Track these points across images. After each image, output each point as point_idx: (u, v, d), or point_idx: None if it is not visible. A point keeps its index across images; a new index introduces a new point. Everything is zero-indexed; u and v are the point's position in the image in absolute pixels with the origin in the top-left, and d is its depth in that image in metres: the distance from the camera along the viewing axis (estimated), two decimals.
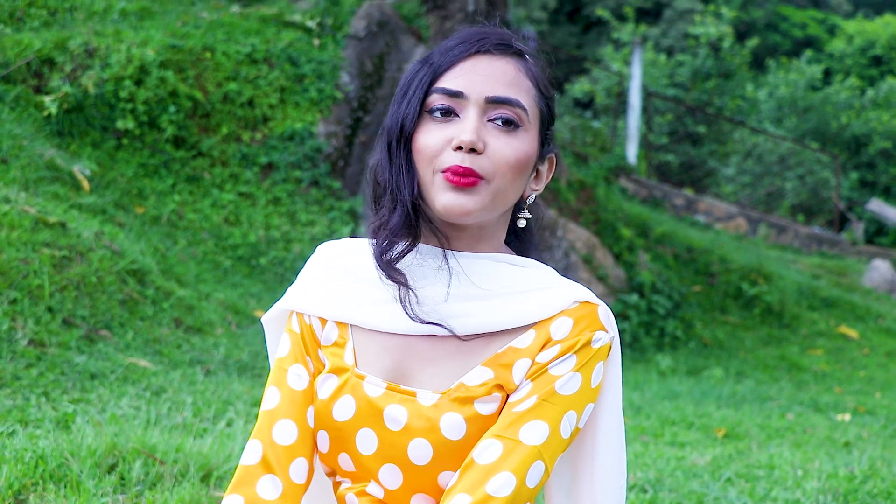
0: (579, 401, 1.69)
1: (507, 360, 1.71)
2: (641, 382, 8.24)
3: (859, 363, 10.89)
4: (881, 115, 23.23)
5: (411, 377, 1.73)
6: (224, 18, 10.63)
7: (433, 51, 1.76)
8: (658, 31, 30.56)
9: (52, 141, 8.47)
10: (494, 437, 1.65)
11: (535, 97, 1.74)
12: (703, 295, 12.01)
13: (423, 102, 1.71)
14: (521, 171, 1.71)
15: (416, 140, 1.70)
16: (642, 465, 4.74)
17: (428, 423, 1.68)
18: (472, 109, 1.68)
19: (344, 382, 1.73)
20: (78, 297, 5.89)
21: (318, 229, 9.29)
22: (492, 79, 1.70)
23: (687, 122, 21.19)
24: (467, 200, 1.66)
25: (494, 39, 1.74)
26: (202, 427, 4.52)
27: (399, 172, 1.71)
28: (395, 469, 1.71)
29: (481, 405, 1.68)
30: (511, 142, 1.69)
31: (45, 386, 4.78)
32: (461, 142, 1.65)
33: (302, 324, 1.82)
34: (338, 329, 1.79)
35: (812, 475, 4.54)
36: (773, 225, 17.63)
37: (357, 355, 1.76)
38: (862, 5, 37.07)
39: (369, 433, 1.71)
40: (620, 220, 12.02)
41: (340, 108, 10.18)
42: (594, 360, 1.71)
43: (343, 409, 1.72)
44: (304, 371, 1.79)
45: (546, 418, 1.66)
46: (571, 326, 1.71)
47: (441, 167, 1.67)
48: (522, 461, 1.63)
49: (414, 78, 1.74)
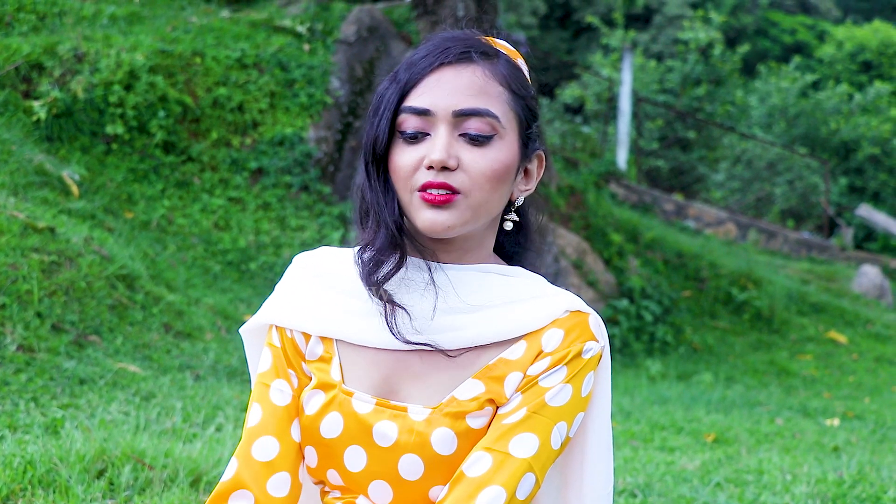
0: (569, 411, 1.68)
1: (498, 372, 1.69)
2: (631, 387, 8.24)
3: (848, 368, 10.91)
4: (870, 120, 23.29)
5: (400, 392, 1.71)
6: (214, 23, 10.63)
7: (400, 65, 1.72)
8: (648, 37, 30.62)
9: (42, 146, 8.45)
10: (484, 449, 1.64)
11: (507, 100, 1.70)
12: (693, 300, 12.03)
13: (392, 122, 1.68)
14: (499, 182, 1.69)
15: (391, 160, 1.69)
16: (632, 469, 4.74)
17: (419, 439, 1.66)
18: (441, 126, 1.66)
19: (331, 399, 1.71)
20: (67, 303, 5.87)
21: (308, 234, 9.28)
22: (457, 91, 1.66)
23: (677, 128, 21.24)
24: (447, 217, 1.65)
25: (457, 49, 1.70)
26: (192, 432, 4.52)
27: (377, 193, 1.70)
28: (384, 485, 1.69)
29: (473, 419, 1.67)
30: (486, 153, 1.66)
31: (33, 391, 4.77)
32: (432, 161, 1.63)
33: (283, 337, 1.78)
34: (323, 344, 1.76)
35: (801, 480, 4.55)
36: (763, 230, 17.67)
37: (344, 371, 1.73)
38: (851, 11, 37.21)
39: (358, 450, 1.69)
40: (610, 225, 12.03)
41: (330, 113, 10.18)
42: (585, 370, 1.70)
43: (330, 426, 1.70)
44: (287, 386, 1.76)
45: (536, 430, 1.65)
46: (562, 338, 1.69)
47: (416, 186, 1.65)
48: (512, 474, 1.61)
49: (383, 96, 1.71)
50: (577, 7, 32.07)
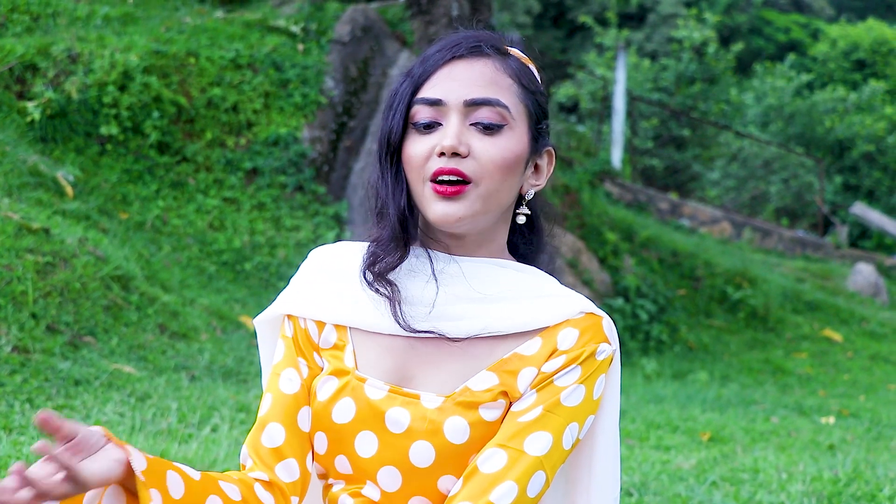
0: (582, 412, 1.70)
1: (512, 366, 1.71)
2: (627, 386, 8.25)
3: (843, 366, 10.93)
4: (864, 118, 23.32)
5: (413, 379, 1.73)
6: (208, 23, 10.62)
7: (415, 62, 1.77)
8: (642, 36, 30.62)
9: (36, 147, 8.44)
10: (499, 446, 1.65)
11: (517, 94, 1.74)
12: (688, 299, 12.04)
13: (407, 115, 1.72)
14: (510, 171, 1.71)
15: (404, 152, 1.72)
16: (627, 468, 4.75)
17: (431, 426, 1.67)
18: (452, 115, 1.69)
19: (344, 385, 1.73)
20: (62, 304, 5.87)
21: (303, 234, 9.28)
22: (468, 82, 1.71)
23: (671, 127, 21.26)
24: (458, 208, 1.67)
25: (469, 43, 1.75)
26: (187, 433, 4.52)
27: (388, 186, 1.73)
28: (394, 471, 1.70)
29: (486, 411, 1.68)
30: (496, 142, 1.69)
31: (28, 392, 4.77)
32: (443, 147, 1.67)
33: (296, 328, 1.81)
34: (336, 332, 1.78)
35: (796, 478, 4.55)
36: (758, 229, 17.69)
37: (357, 357, 1.75)
38: (845, 10, 37.26)
39: (369, 435, 1.70)
40: (605, 224, 12.04)
41: (325, 113, 10.17)
42: (597, 372, 1.71)
43: (342, 412, 1.72)
44: (296, 374, 1.77)
45: (550, 429, 1.66)
46: (577, 337, 1.71)
47: (428, 174, 1.68)
48: (525, 471, 1.63)
49: (398, 91, 1.75)
50: (571, 6, 32.07)
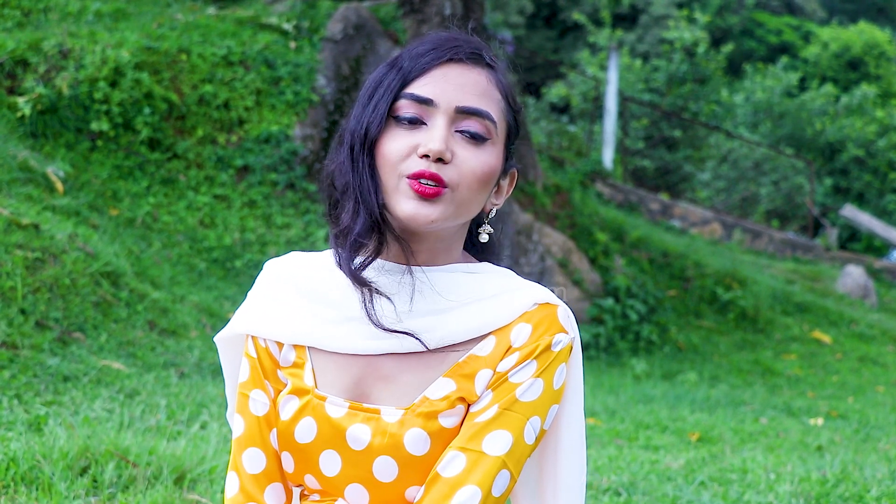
0: (542, 405, 1.68)
1: (468, 369, 1.70)
2: (616, 386, 8.25)
3: (832, 368, 10.96)
4: (855, 121, 23.39)
5: (373, 395, 1.71)
6: (200, 20, 10.60)
7: (401, 54, 1.72)
8: (634, 37, 30.69)
9: (26, 142, 8.42)
10: (458, 449, 1.64)
11: (503, 110, 1.73)
12: (678, 299, 12.05)
13: (390, 107, 1.68)
14: (485, 184, 1.70)
15: (381, 145, 1.67)
16: (616, 468, 4.75)
17: (392, 440, 1.66)
18: (440, 118, 1.66)
19: (305, 404, 1.71)
20: (51, 299, 5.85)
21: (294, 232, 9.27)
22: (463, 88, 1.68)
23: (662, 127, 21.28)
24: (432, 210, 1.64)
25: (468, 48, 1.72)
26: (176, 430, 4.51)
27: (363, 177, 1.68)
28: (360, 488, 1.70)
29: (445, 419, 1.67)
30: (479, 154, 1.67)
31: (17, 388, 4.75)
32: (429, 150, 1.63)
33: (258, 347, 1.79)
34: (295, 350, 1.76)
35: (785, 479, 4.56)
36: (748, 230, 17.73)
37: (317, 376, 1.74)
38: (836, 12, 37.35)
39: (332, 454, 1.70)
40: (596, 224, 12.05)
41: (316, 111, 10.17)
42: (555, 362, 1.70)
43: (304, 432, 1.71)
44: (264, 395, 1.77)
45: (509, 427, 1.65)
46: (531, 332, 1.70)
47: (406, 172, 1.64)
48: (487, 472, 1.62)
49: (382, 81, 1.71)
50: (563, 6, 32.10)
